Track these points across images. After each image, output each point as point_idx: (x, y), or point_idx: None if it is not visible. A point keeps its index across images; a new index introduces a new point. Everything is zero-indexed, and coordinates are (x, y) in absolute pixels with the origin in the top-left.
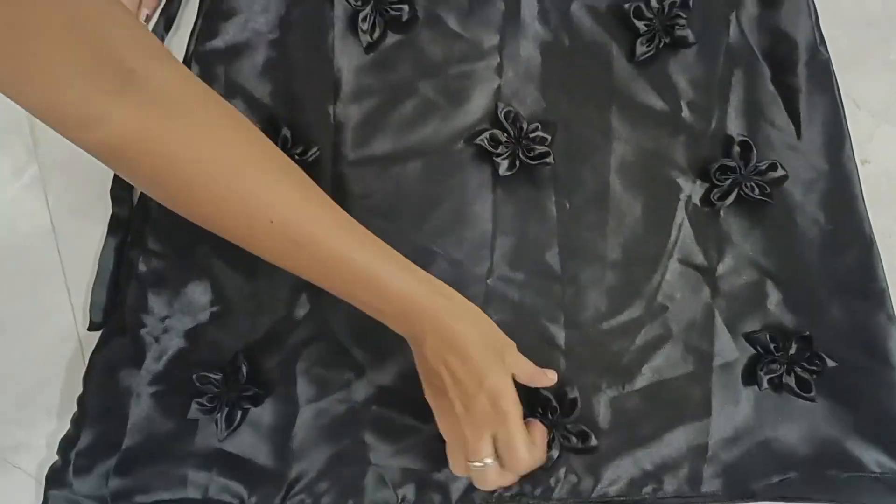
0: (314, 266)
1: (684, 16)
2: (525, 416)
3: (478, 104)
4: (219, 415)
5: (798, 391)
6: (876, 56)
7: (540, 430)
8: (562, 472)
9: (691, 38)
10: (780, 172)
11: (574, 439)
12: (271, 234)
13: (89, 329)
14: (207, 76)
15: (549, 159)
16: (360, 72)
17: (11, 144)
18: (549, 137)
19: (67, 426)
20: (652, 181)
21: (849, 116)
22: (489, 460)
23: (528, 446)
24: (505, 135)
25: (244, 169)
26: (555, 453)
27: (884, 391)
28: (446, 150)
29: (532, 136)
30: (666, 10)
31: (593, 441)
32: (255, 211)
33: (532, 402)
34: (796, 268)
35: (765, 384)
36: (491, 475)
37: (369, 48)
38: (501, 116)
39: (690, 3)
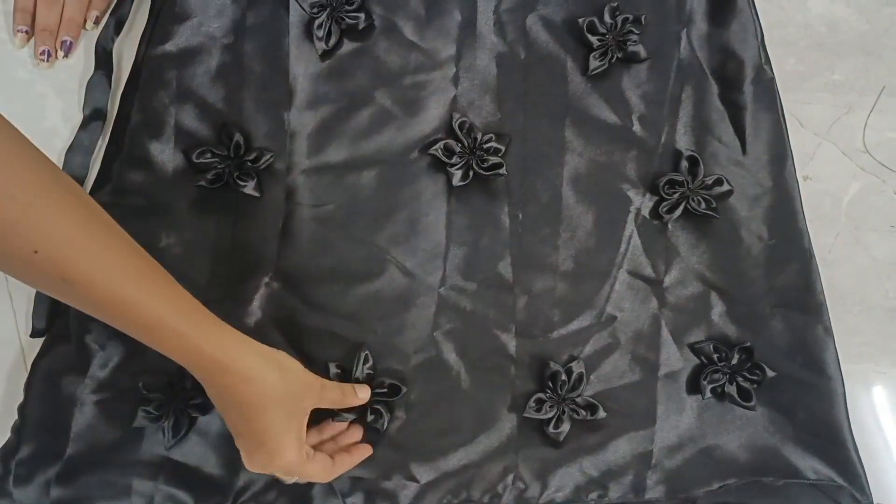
0: (87, 305)
1: (637, 31)
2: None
3: (433, 114)
4: (165, 423)
5: (739, 400)
6: (820, 77)
7: (330, 428)
8: (510, 478)
9: (643, 53)
10: (725, 187)
11: (583, 412)
12: (34, 265)
13: (32, 336)
14: (159, 81)
15: (503, 170)
16: (315, 79)
17: None
18: (503, 149)
19: (7, 435)
20: (603, 194)
21: (792, 134)
22: (290, 480)
23: (326, 471)
24: (459, 145)
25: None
26: (566, 427)
27: (820, 401)
28: (401, 160)
29: (486, 146)
30: (619, 25)
31: (601, 413)
32: (16, 238)
33: (541, 376)
34: (740, 281)
35: (707, 393)
36: (317, 474)
37: (325, 56)
38: (456, 127)
39: (643, 19)
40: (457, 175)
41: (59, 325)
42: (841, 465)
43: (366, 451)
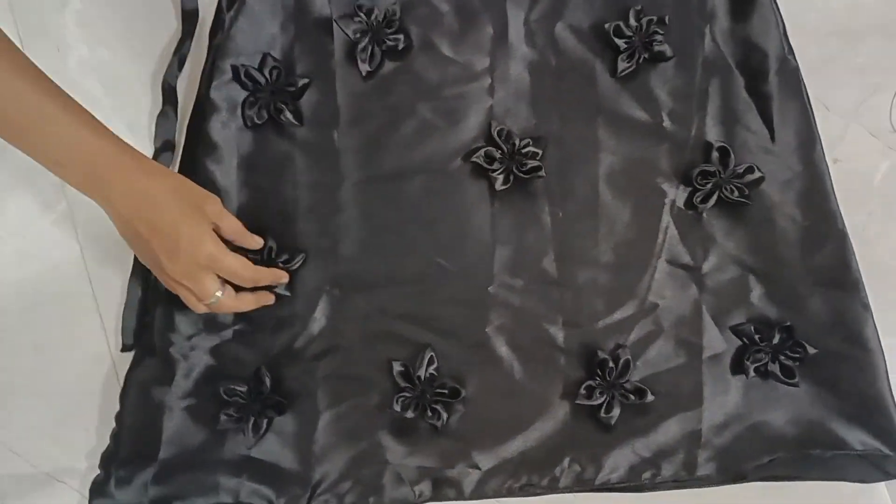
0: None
1: (662, 32)
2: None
3: (473, 123)
4: (246, 424)
5: (783, 378)
6: (843, 62)
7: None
8: (566, 462)
9: (669, 52)
10: (757, 174)
11: (632, 397)
12: None
13: (121, 351)
14: (219, 113)
15: (541, 172)
16: (360, 98)
17: (39, 183)
18: (541, 152)
19: (105, 442)
20: (638, 188)
21: (820, 119)
22: (219, 293)
23: (246, 268)
24: (499, 151)
25: None
26: (616, 412)
27: (863, 374)
28: (445, 168)
29: (524, 151)
30: (644, 27)
31: (650, 397)
32: None
33: (590, 364)
34: (776, 263)
35: (752, 373)
36: (229, 303)
37: (368, 76)
38: (495, 134)
39: (667, 19)
40: (499, 180)
41: (146, 339)
42: (886, 435)
43: (268, 297)
